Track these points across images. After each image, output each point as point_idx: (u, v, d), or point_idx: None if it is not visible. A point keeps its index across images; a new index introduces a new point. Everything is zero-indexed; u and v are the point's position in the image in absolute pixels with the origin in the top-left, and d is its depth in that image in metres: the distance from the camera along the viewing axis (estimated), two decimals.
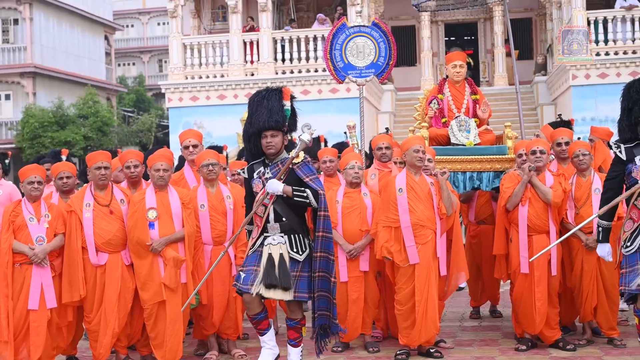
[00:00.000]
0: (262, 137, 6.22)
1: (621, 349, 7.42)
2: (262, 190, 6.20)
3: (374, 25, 8.98)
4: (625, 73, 19.82)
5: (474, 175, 8.31)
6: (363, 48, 8.87)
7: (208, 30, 26.59)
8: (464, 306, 9.73)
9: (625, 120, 5.88)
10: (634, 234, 5.74)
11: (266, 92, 6.32)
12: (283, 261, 6.11)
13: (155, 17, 51.99)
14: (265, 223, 6.20)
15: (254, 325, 6.36)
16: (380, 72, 8.92)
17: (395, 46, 9.03)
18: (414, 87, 24.61)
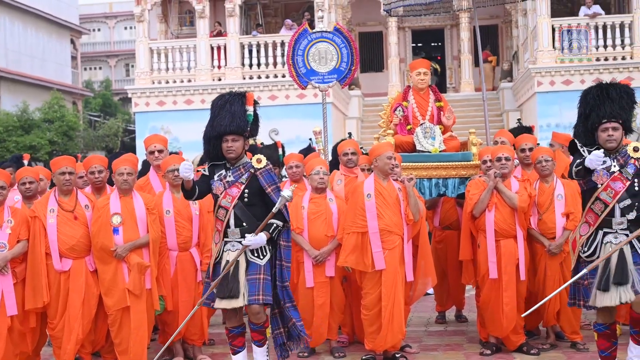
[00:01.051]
0: (223, 141, 6.22)
1: (584, 352, 7.51)
2: (224, 194, 6.20)
3: (335, 30, 9.00)
4: (589, 80, 20.00)
5: (440, 182, 8.36)
6: (325, 54, 8.88)
7: (175, 34, 26.50)
8: (430, 311, 9.78)
9: (582, 126, 5.96)
10: (590, 238, 5.79)
11: (229, 96, 6.33)
12: (236, 269, 6.11)
13: (122, 21, 51.71)
14: (226, 228, 6.19)
15: (229, 339, 6.36)
16: (343, 78, 8.95)
17: (358, 52, 9.06)
18: (382, 93, 24.72)
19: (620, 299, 5.59)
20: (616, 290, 5.59)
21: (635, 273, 5.58)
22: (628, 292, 5.57)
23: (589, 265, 5.72)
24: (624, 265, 5.61)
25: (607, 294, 5.61)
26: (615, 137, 5.77)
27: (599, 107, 5.80)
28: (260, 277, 6.12)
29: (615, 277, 5.59)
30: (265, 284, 6.12)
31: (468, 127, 11.06)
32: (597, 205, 5.76)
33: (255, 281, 6.10)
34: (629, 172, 5.76)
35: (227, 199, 6.21)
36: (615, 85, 5.92)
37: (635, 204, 5.68)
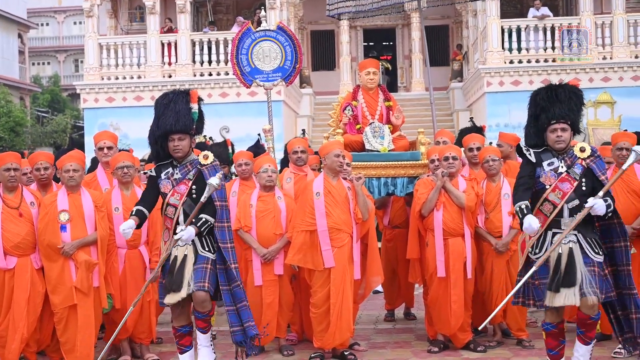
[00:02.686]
0: (170, 140, 6.21)
1: (529, 349, 7.61)
2: (172, 192, 6.17)
3: (279, 29, 9.00)
4: (537, 81, 20.31)
5: (389, 181, 8.40)
6: (269, 52, 8.88)
7: (125, 30, 26.24)
8: (379, 309, 9.83)
9: (533, 126, 5.99)
10: (540, 239, 5.84)
11: (173, 95, 6.31)
12: (183, 262, 6.10)
13: (71, 16, 51.00)
14: (176, 225, 6.17)
15: (176, 339, 6.33)
16: (287, 76, 8.95)
17: (301, 50, 9.08)
18: (333, 91, 24.76)
19: (566, 300, 5.65)
20: (565, 291, 5.64)
21: (586, 275, 5.64)
22: (575, 295, 5.62)
23: (537, 262, 5.77)
24: (573, 267, 5.67)
25: (558, 294, 5.66)
26: (564, 137, 5.82)
27: (548, 108, 5.84)
28: (207, 267, 6.13)
29: (564, 279, 5.65)
30: (211, 274, 6.12)
31: (419, 126, 11.13)
32: (546, 206, 5.81)
33: (202, 269, 6.11)
34: (576, 173, 5.81)
35: (176, 196, 6.20)
36: (564, 87, 5.95)
37: (583, 204, 5.71)
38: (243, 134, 18.88)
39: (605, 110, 21.00)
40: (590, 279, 5.64)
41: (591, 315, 5.78)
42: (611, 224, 5.87)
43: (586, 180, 5.79)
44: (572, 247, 5.72)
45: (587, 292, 5.62)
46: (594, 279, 5.65)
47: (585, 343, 5.89)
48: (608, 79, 21.11)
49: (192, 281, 6.07)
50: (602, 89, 20.93)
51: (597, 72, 21.10)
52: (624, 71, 21.10)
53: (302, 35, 27.68)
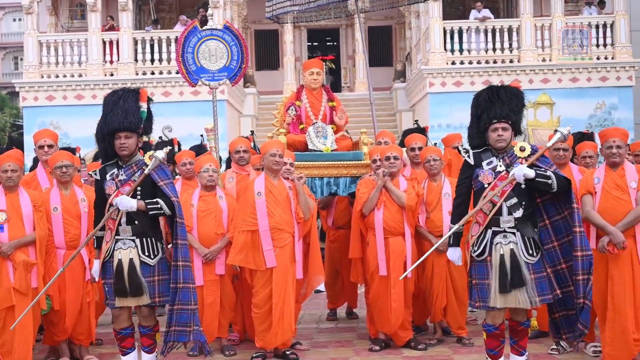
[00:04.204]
0: (116, 137, 6.14)
1: (469, 347, 7.72)
2: (116, 193, 6.11)
3: (225, 28, 8.98)
4: (478, 82, 20.60)
5: (331, 181, 8.44)
6: (215, 51, 8.84)
7: (66, 28, 25.83)
8: (322, 308, 9.87)
9: (475, 127, 6.04)
10: (480, 237, 5.89)
11: (122, 93, 6.24)
12: (133, 267, 6.05)
13: (11, 13, 50.04)
14: (117, 226, 6.11)
15: (118, 341, 6.26)
16: (233, 76, 8.93)
17: (247, 50, 9.07)
18: (277, 91, 24.75)
19: (519, 302, 5.71)
20: (516, 293, 5.70)
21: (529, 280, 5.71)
22: (526, 297, 5.69)
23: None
24: (518, 267, 5.72)
25: (509, 295, 5.70)
26: (505, 137, 5.86)
27: (490, 109, 5.89)
28: (156, 279, 6.10)
29: (513, 280, 5.70)
30: (151, 286, 6.09)
31: (363, 126, 11.19)
32: (486, 204, 5.84)
33: (153, 283, 6.09)
34: None
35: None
36: (505, 88, 6.02)
37: (521, 203, 5.78)
38: (186, 133, 18.73)
39: (544, 111, 21.36)
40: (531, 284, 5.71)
41: (521, 322, 5.87)
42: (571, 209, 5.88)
43: (530, 183, 5.83)
44: (513, 248, 5.77)
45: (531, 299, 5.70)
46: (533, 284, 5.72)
47: (519, 354, 5.96)
48: (547, 80, 21.49)
49: (156, 293, 6.08)
50: (542, 90, 21.28)
51: (537, 74, 21.46)
52: (563, 73, 21.48)
53: (246, 35, 27.58)
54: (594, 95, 21.43)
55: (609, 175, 6.80)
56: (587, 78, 21.52)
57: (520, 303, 5.72)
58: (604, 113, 21.45)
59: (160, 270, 6.15)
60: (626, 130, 7.25)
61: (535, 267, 5.78)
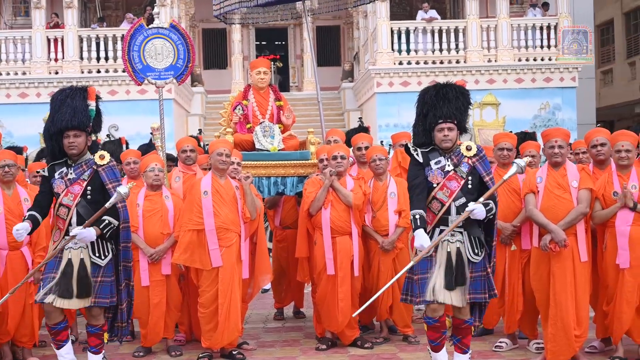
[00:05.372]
0: (65, 136, 6.07)
1: (415, 345, 7.79)
2: (65, 192, 6.05)
3: (172, 27, 8.93)
4: (425, 82, 20.68)
5: (278, 180, 8.44)
6: (161, 50, 8.80)
7: (9, 25, 25.35)
8: (269, 308, 9.87)
9: (421, 125, 6.03)
10: (428, 236, 5.86)
11: (70, 91, 6.18)
12: (84, 267, 5.99)
13: None
14: (68, 226, 6.04)
15: (52, 335, 6.18)
16: (180, 74, 8.89)
17: (194, 48, 9.03)
18: (225, 90, 24.64)
19: (457, 300, 5.76)
20: (459, 290, 5.76)
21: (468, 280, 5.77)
22: (462, 296, 5.75)
23: (415, 258, 5.86)
24: (463, 267, 5.77)
25: (453, 292, 5.74)
26: (451, 137, 5.89)
27: (436, 108, 5.90)
28: (97, 280, 6.04)
29: (457, 277, 5.75)
30: (102, 287, 6.04)
31: (311, 125, 11.20)
32: (434, 204, 5.89)
33: (96, 284, 6.02)
34: (463, 171, 5.90)
35: (69, 196, 6.06)
36: (451, 86, 6.02)
37: (469, 202, 5.81)
38: (133, 132, 18.58)
39: (490, 112, 21.63)
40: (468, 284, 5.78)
41: (465, 319, 5.92)
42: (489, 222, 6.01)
43: (472, 178, 5.89)
44: (460, 247, 5.84)
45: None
46: (471, 283, 5.79)
47: (462, 352, 6.01)
48: (493, 81, 21.75)
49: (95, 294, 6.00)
50: (487, 90, 21.55)
51: (483, 74, 21.72)
52: (508, 74, 21.78)
53: (193, 33, 27.42)
54: (538, 95, 21.76)
55: (551, 175, 6.92)
56: (532, 79, 21.84)
57: (455, 301, 5.77)
58: (548, 113, 21.79)
59: (106, 271, 6.10)
60: (568, 130, 7.38)
61: (476, 267, 5.86)
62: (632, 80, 28.23)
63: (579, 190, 6.79)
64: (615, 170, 6.98)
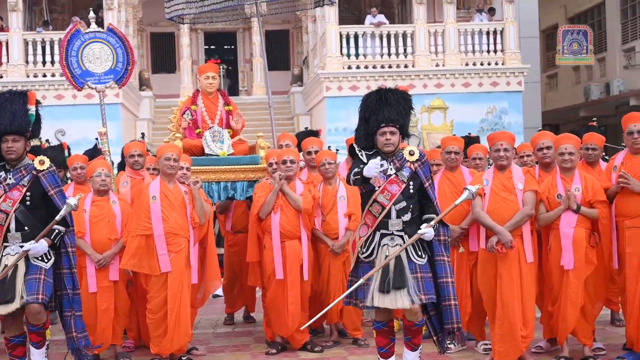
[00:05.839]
0: (3, 141, 6.01)
1: (365, 348, 7.84)
2: (3, 197, 5.97)
3: (109, 31, 8.88)
4: (374, 86, 20.54)
5: (228, 185, 8.43)
6: (100, 54, 8.74)
7: None
8: (219, 313, 9.82)
9: (363, 129, 6.05)
10: (368, 240, 5.94)
11: (10, 95, 6.11)
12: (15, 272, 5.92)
13: None
14: (6, 232, 5.95)
15: (8, 350, 6.09)
16: (120, 78, 8.84)
17: (133, 51, 8.99)
18: (174, 94, 24.44)
19: (396, 303, 5.76)
20: (395, 294, 5.74)
21: (411, 281, 5.77)
22: (405, 298, 5.73)
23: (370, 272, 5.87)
24: (402, 270, 5.78)
25: (387, 296, 5.75)
26: (393, 141, 5.91)
27: (378, 112, 5.92)
28: (41, 278, 5.95)
29: (394, 281, 5.75)
30: (45, 285, 5.95)
31: (261, 130, 11.19)
32: (375, 207, 5.89)
33: (35, 281, 5.92)
34: (404, 175, 5.92)
35: (8, 202, 5.98)
36: (393, 91, 6.05)
37: (410, 206, 5.86)
38: (80, 137, 18.40)
39: (438, 115, 21.82)
40: (414, 284, 5.77)
41: (415, 322, 5.94)
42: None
43: (414, 183, 5.91)
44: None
45: (413, 299, 5.75)
46: (418, 284, 5.78)
47: (412, 349, 6.03)
48: (441, 85, 21.96)
49: (25, 293, 5.87)
50: (435, 94, 21.73)
51: (431, 79, 21.90)
52: (456, 78, 22.00)
53: (141, 37, 27.23)
54: (485, 99, 22.03)
55: (497, 178, 7.02)
56: (479, 83, 22.11)
57: (397, 304, 5.75)
58: (495, 117, 22.07)
59: (48, 273, 6.03)
60: (513, 133, 7.50)
61: (423, 268, 5.87)
62: (577, 84, 28.76)
63: (524, 193, 6.90)
64: (559, 173, 7.12)
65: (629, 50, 25.74)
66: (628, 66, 25.58)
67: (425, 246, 5.95)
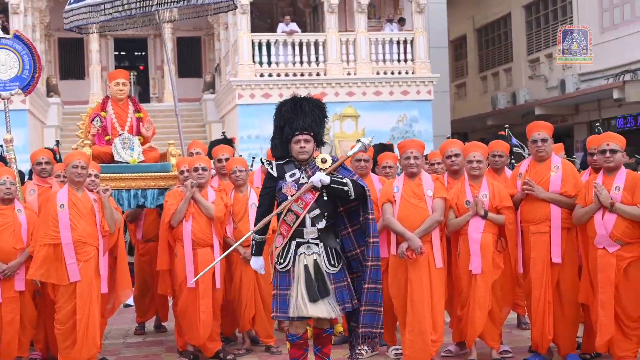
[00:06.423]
0: None
1: (277, 355, 7.85)
2: None
3: (15, 37, 8.69)
4: (286, 94, 20.85)
5: (139, 193, 8.34)
6: (5, 61, 8.55)
7: None
8: (130, 323, 9.68)
9: (278, 138, 6.02)
10: (285, 249, 5.91)
11: None
12: None
13: None
14: None
15: None
16: (26, 85, 8.66)
17: (40, 59, 8.81)
18: (83, 101, 24.03)
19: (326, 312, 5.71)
20: (323, 302, 5.71)
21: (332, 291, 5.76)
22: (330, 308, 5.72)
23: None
24: (324, 278, 5.75)
25: (315, 305, 5.70)
26: (307, 149, 5.88)
27: (293, 120, 5.89)
28: None
29: (319, 290, 5.71)
30: None
31: (172, 137, 11.08)
32: (289, 216, 5.85)
33: None
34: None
35: None
36: (307, 99, 6.04)
37: (324, 214, 5.83)
38: None
39: (350, 124, 22.02)
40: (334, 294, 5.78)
41: (325, 329, 5.95)
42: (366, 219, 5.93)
43: (327, 190, 5.91)
44: (317, 259, 5.81)
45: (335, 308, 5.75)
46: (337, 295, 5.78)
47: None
48: (352, 93, 22.17)
49: None
50: (347, 102, 21.94)
51: (342, 87, 22.11)
52: (367, 86, 22.26)
53: (49, 43, 26.68)
54: (396, 108, 22.34)
55: (407, 185, 7.13)
56: (390, 92, 22.41)
57: (324, 313, 5.74)
58: (405, 125, 22.40)
59: None
60: (422, 142, 7.62)
61: (336, 277, 5.83)
62: (484, 93, 29.46)
63: (434, 200, 7.03)
64: (468, 180, 7.28)
65: (533, 61, 26.51)
66: (533, 76, 26.35)
67: (339, 253, 5.95)
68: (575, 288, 7.04)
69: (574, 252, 7.07)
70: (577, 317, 7.20)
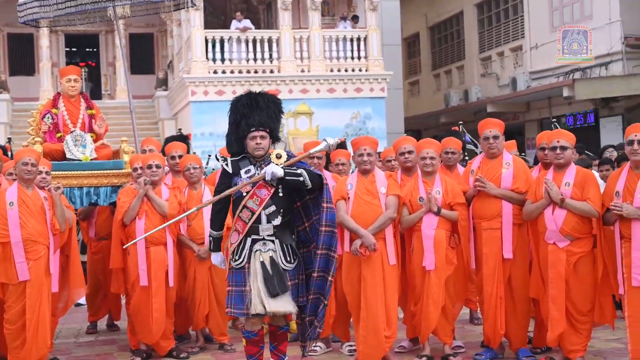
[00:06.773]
0: None
1: (231, 353, 7.83)
2: None
3: None
4: (240, 91, 20.74)
5: (91, 191, 8.25)
6: None
7: None
8: (81, 322, 9.58)
9: (233, 134, 5.99)
10: (240, 246, 5.88)
11: None
12: None
13: None
14: None
15: None
16: None
17: None
18: (33, 98, 23.66)
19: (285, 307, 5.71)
20: (282, 297, 5.71)
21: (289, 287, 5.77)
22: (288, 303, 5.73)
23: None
24: (281, 274, 5.74)
25: (274, 300, 5.68)
26: (263, 145, 5.86)
27: (249, 116, 5.86)
28: None
29: (278, 285, 5.70)
30: None
31: (124, 134, 10.99)
32: (245, 213, 5.82)
33: None
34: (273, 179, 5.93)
35: None
36: (263, 95, 6.01)
37: (280, 210, 5.81)
38: None
39: (304, 121, 22.07)
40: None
41: (280, 326, 5.95)
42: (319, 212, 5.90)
43: (283, 186, 5.88)
44: (273, 255, 5.80)
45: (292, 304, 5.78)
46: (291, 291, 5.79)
47: (278, 358, 6.02)
48: (306, 90, 22.21)
49: None
50: (301, 100, 21.98)
51: (296, 84, 22.12)
52: (321, 84, 22.31)
53: None
54: (350, 105, 22.42)
55: (360, 182, 7.16)
56: (344, 89, 22.49)
57: (284, 307, 5.74)
58: (359, 122, 22.49)
59: None
60: (376, 138, 7.65)
61: (291, 274, 5.85)
62: (437, 91, 29.71)
63: (387, 197, 7.06)
64: (421, 176, 7.33)
65: (485, 59, 26.80)
66: (485, 74, 26.65)
67: (294, 250, 5.94)
68: (526, 283, 7.12)
69: (525, 248, 7.16)
70: (528, 312, 7.29)
